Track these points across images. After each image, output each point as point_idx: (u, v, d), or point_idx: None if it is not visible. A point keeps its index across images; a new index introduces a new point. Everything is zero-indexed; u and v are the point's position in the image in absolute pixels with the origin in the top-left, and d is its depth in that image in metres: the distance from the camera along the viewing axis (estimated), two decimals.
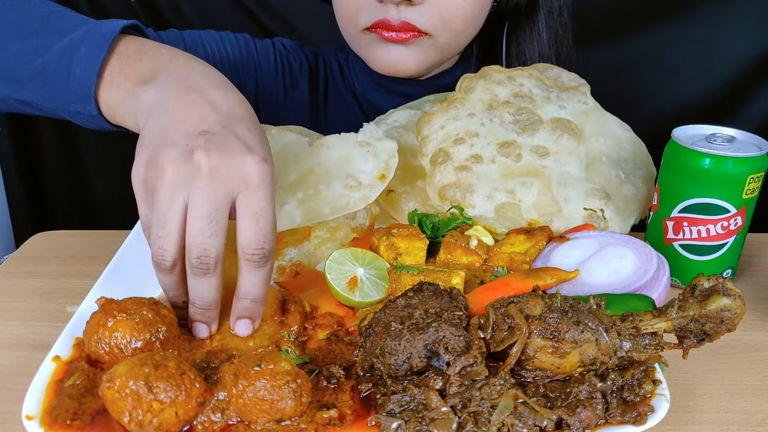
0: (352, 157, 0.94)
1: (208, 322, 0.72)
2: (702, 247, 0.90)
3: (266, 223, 0.67)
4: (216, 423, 0.62)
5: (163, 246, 0.66)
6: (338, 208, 0.90)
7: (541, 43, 1.26)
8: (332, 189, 0.91)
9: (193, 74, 0.75)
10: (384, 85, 1.29)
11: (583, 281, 0.80)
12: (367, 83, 1.32)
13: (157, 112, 0.71)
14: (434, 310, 0.67)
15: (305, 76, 1.35)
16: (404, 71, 1.17)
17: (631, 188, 0.98)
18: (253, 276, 0.69)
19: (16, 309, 0.88)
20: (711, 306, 0.65)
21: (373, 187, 0.91)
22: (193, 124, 0.68)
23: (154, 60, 0.79)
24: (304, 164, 0.96)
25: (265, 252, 0.67)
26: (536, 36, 1.26)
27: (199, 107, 0.70)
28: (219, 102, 0.71)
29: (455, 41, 1.18)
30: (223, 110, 0.71)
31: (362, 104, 1.35)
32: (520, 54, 1.28)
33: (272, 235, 0.68)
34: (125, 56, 0.80)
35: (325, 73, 1.37)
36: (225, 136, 0.68)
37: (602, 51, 1.79)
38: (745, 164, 0.85)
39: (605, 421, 0.61)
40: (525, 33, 1.27)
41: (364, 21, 1.13)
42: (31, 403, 0.63)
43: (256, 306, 0.71)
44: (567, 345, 0.63)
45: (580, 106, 1.03)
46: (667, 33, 1.77)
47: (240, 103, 0.73)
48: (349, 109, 1.36)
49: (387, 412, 0.62)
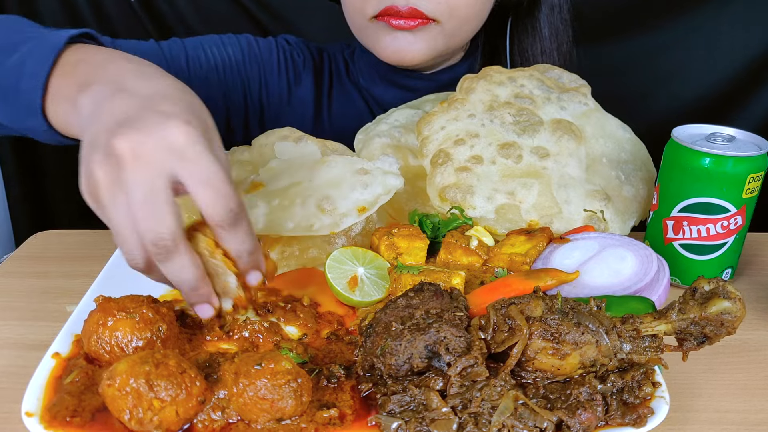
0: (342, 181, 0.92)
1: (205, 300, 0.68)
2: (702, 247, 0.90)
3: (220, 182, 0.63)
4: (216, 422, 0.62)
5: (128, 251, 0.63)
6: (301, 228, 0.88)
7: (542, 39, 1.27)
8: (306, 206, 0.89)
9: (125, 76, 0.71)
10: (388, 78, 1.29)
11: (584, 283, 0.80)
12: (371, 78, 1.32)
13: (88, 121, 0.67)
14: (435, 311, 0.67)
15: (309, 72, 1.34)
16: (411, 59, 1.17)
17: (631, 189, 0.98)
18: (235, 237, 0.66)
19: (16, 309, 0.88)
20: (711, 309, 0.65)
21: (347, 216, 0.88)
22: (114, 119, 0.64)
23: (89, 67, 0.76)
24: (299, 175, 0.95)
25: (234, 211, 0.64)
26: (538, 32, 1.27)
27: (123, 101, 0.66)
28: (144, 90, 0.67)
29: (461, 29, 1.17)
30: (144, 94, 0.67)
31: (367, 99, 1.35)
32: (522, 51, 1.28)
33: (231, 189, 0.63)
34: (67, 67, 0.77)
35: (329, 69, 1.37)
36: (143, 116, 0.63)
37: (602, 51, 1.79)
38: (745, 164, 0.85)
39: (605, 423, 0.62)
40: (527, 29, 1.27)
41: (372, 9, 1.12)
42: (31, 400, 0.63)
43: (255, 256, 0.69)
44: (567, 346, 0.63)
45: (581, 108, 1.03)
46: (667, 33, 1.77)
47: (169, 85, 0.69)
48: (354, 104, 1.36)
49: (387, 412, 0.62)
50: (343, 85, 1.36)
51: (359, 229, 0.94)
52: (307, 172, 0.95)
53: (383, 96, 1.31)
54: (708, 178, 0.86)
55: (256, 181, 0.98)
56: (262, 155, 1.05)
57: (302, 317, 0.80)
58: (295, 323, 0.80)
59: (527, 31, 1.27)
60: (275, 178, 0.97)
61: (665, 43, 1.78)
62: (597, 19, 1.74)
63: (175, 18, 1.81)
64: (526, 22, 1.27)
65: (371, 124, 1.11)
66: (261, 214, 0.90)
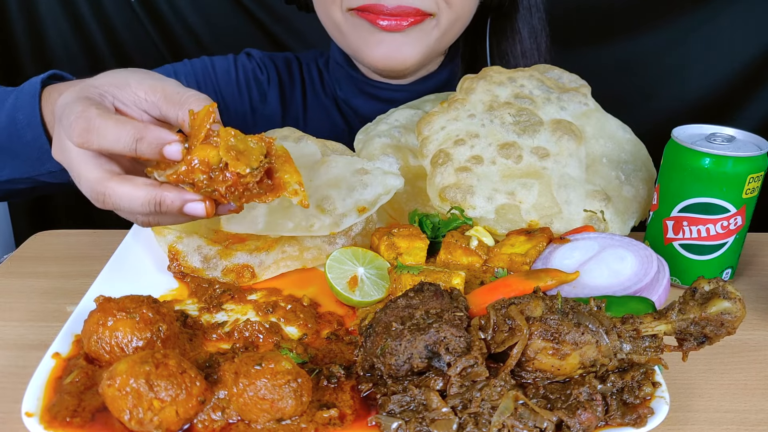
0: (342, 181, 0.92)
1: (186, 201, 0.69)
2: (702, 247, 0.90)
3: (100, 127, 0.67)
4: (216, 422, 0.62)
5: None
6: (301, 228, 0.88)
7: (522, 41, 1.26)
8: None
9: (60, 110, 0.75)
10: (366, 91, 1.26)
11: (584, 283, 0.80)
12: (349, 89, 1.27)
13: None
14: (435, 311, 0.67)
15: (275, 88, 1.30)
16: (403, 62, 1.10)
17: (631, 190, 0.98)
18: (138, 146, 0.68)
19: (16, 309, 0.88)
20: (711, 309, 0.65)
21: (347, 216, 0.89)
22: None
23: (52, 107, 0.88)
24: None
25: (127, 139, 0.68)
26: (517, 33, 1.26)
27: None
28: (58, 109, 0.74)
29: (455, 26, 1.14)
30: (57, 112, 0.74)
31: (344, 111, 1.31)
32: (502, 54, 1.27)
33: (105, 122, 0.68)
34: (48, 110, 0.89)
35: (302, 80, 1.33)
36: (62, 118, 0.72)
37: (602, 51, 1.79)
38: (745, 164, 0.85)
39: (605, 423, 0.62)
40: (506, 32, 1.26)
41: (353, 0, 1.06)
42: (31, 400, 0.63)
43: (146, 140, 0.69)
44: (567, 347, 0.63)
45: (581, 108, 1.03)
46: (668, 33, 1.77)
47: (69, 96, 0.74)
48: (329, 117, 1.32)
49: (387, 412, 0.63)
50: (318, 97, 1.33)
51: (359, 229, 0.94)
52: (307, 172, 0.95)
53: (361, 108, 1.28)
54: (708, 178, 0.86)
55: None
56: None
57: (302, 317, 0.81)
58: (295, 323, 0.80)
59: (506, 33, 1.26)
60: None
61: (665, 43, 1.78)
62: (597, 20, 1.74)
63: (175, 18, 1.81)
64: (505, 25, 1.26)
65: (371, 124, 1.11)
66: (261, 214, 0.90)
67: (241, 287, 0.87)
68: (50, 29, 1.78)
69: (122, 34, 1.81)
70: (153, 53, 1.83)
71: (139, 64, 1.95)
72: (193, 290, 0.87)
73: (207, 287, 0.86)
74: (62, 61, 1.81)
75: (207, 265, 0.89)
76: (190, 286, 0.87)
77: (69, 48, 1.80)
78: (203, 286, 0.87)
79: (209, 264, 0.89)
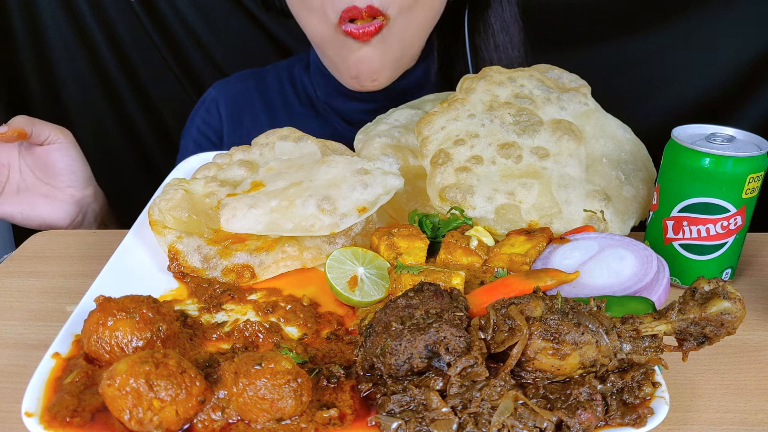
0: (342, 181, 0.92)
1: None
2: (702, 247, 0.90)
3: None
4: (216, 421, 0.62)
5: None
6: (301, 228, 0.88)
7: (495, 34, 1.28)
8: (306, 207, 0.89)
9: None
10: (344, 92, 1.30)
11: (583, 283, 0.80)
12: (329, 91, 1.33)
13: None
14: (435, 311, 0.67)
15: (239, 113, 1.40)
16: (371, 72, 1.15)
17: (631, 190, 0.98)
18: None
19: (16, 309, 0.88)
20: (711, 309, 0.65)
21: (348, 216, 0.89)
22: None
23: None
24: (298, 176, 0.95)
25: None
26: (490, 27, 1.28)
27: None
28: None
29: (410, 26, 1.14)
30: None
31: (324, 112, 1.36)
32: (475, 48, 1.29)
33: None
34: None
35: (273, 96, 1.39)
36: None
37: (602, 51, 1.78)
38: (745, 164, 0.85)
39: (605, 423, 0.62)
40: (479, 26, 1.28)
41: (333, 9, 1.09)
42: (31, 400, 0.63)
43: None
44: (567, 347, 0.63)
45: (581, 108, 1.03)
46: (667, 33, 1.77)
47: None
48: (311, 120, 1.37)
49: (387, 412, 0.63)
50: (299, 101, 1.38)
51: (359, 229, 0.94)
52: (307, 172, 0.95)
53: (341, 108, 1.33)
54: (708, 178, 0.86)
55: (256, 181, 0.98)
56: (262, 155, 1.05)
57: (302, 317, 0.81)
58: (295, 323, 0.80)
59: (479, 27, 1.29)
60: (275, 178, 0.97)
61: (665, 43, 1.78)
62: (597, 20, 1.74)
63: (175, 18, 1.81)
64: (477, 19, 1.28)
65: (371, 124, 1.11)
66: (261, 214, 0.90)
67: (241, 287, 0.87)
68: (50, 29, 1.78)
69: (122, 34, 1.81)
70: (153, 53, 1.83)
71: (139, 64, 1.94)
72: (193, 290, 0.87)
73: (207, 287, 0.86)
74: (62, 61, 1.81)
75: (207, 265, 0.89)
76: (190, 286, 0.87)
77: (69, 48, 1.80)
78: (203, 286, 0.87)
79: (209, 264, 0.89)
